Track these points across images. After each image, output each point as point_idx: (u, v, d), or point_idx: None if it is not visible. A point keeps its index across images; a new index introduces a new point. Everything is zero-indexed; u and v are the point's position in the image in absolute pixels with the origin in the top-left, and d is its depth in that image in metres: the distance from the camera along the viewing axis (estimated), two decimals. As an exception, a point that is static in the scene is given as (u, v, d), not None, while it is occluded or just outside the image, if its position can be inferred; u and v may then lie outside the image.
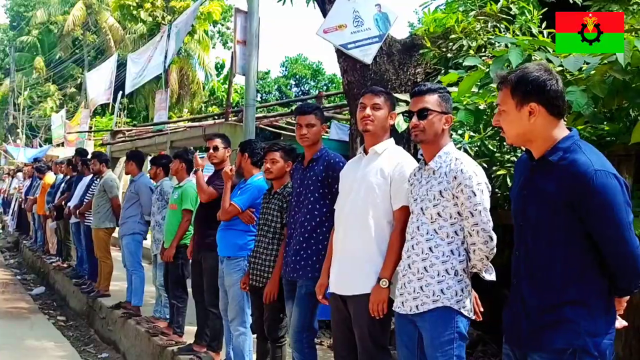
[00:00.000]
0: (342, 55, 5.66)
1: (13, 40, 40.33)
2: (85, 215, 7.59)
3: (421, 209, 2.53)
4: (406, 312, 2.53)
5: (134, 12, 26.00)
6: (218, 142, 4.68)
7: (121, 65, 17.01)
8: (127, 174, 6.74)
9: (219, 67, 35.88)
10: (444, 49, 5.23)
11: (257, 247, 3.82)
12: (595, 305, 1.92)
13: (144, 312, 6.20)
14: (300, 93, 38.98)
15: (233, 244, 4.16)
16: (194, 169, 4.77)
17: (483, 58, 4.26)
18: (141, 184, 6.37)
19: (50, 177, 10.93)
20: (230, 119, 9.66)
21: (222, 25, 41.10)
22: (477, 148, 4.52)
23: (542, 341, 1.98)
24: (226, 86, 33.57)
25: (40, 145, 26.77)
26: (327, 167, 3.36)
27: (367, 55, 5.64)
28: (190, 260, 5.02)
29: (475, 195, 2.42)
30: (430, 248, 2.48)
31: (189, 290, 5.16)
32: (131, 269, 6.29)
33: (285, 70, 45.70)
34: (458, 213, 2.47)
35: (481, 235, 2.42)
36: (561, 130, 1.98)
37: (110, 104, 16.17)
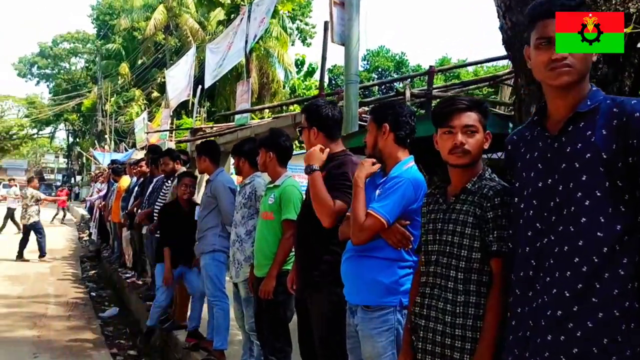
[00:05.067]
0: (502, -14, 3.79)
1: (100, 49, 41.24)
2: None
3: None
4: None
5: (212, -4, 25.10)
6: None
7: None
8: (200, 172, 5.15)
9: (299, 64, 34.76)
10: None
11: (428, 297, 2.02)
12: None
13: (230, 356, 4.62)
14: (383, 86, 37.11)
15: (374, 283, 2.39)
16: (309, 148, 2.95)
17: None
18: (219, 184, 4.75)
19: (125, 181, 9.78)
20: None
21: (301, 21, 40.07)
22: None
23: None
24: (307, 83, 32.46)
25: (126, 150, 26.61)
26: (620, 129, 1.50)
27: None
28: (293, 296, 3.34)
29: None
30: None
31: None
32: (212, 299, 4.70)
33: (367, 63, 43.85)
34: None
35: None
36: None
37: (190, 101, 15.09)
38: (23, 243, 12.19)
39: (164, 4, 32.81)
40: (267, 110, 29.28)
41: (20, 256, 12.00)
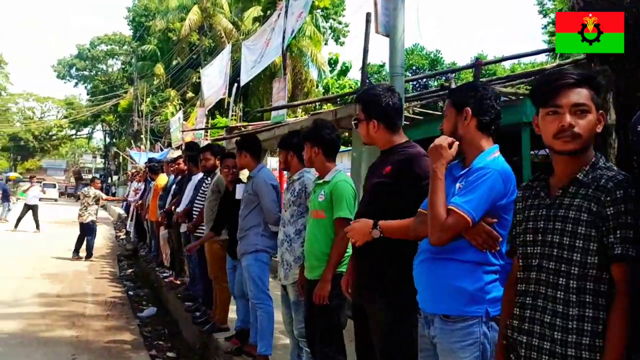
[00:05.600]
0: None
1: (135, 50, 41.79)
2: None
3: None
4: None
5: (247, -9, 25.11)
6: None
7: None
8: (241, 168, 4.92)
9: (333, 63, 34.50)
10: None
11: (530, 309, 1.71)
12: None
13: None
14: (417, 84, 36.56)
15: (455, 290, 2.09)
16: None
17: None
18: (260, 180, 4.52)
19: (162, 179, 9.68)
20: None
21: (334, 20, 39.84)
22: None
23: None
24: (340, 82, 32.15)
25: (162, 149, 26.80)
26: None
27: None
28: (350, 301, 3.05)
29: None
30: None
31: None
32: (255, 302, 4.45)
33: (401, 62, 43.23)
34: None
35: None
36: None
37: (226, 100, 14.98)
38: (80, 242, 12.13)
39: (198, 5, 33.00)
40: (299, 110, 29.28)
41: (76, 253, 11.95)
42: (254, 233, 4.53)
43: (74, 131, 60.26)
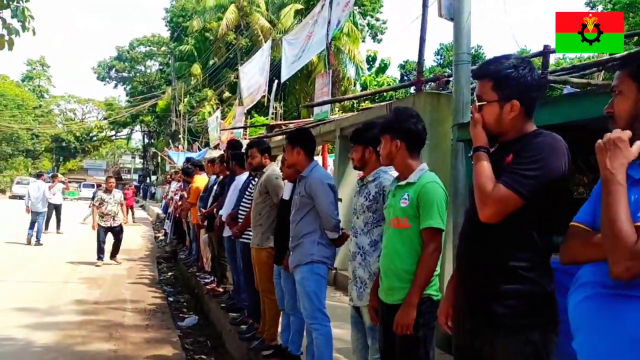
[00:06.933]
0: None
1: (173, 50, 41.93)
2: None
3: None
4: None
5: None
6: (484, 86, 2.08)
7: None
8: (289, 165, 4.23)
9: (371, 61, 33.80)
10: None
11: None
12: None
13: (335, 390, 3.79)
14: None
15: (643, 342, 1.43)
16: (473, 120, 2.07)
17: None
18: (315, 180, 3.90)
19: (200, 180, 9.23)
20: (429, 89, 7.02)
21: (372, 17, 39.12)
22: None
23: None
24: (379, 79, 31.45)
25: (199, 149, 26.61)
26: None
27: None
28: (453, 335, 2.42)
29: None
30: None
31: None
32: (311, 322, 3.86)
33: (441, 58, 42.20)
34: None
35: None
36: None
37: (266, 97, 14.53)
38: (116, 244, 11.75)
39: (235, 4, 32.77)
40: (337, 109, 28.61)
41: (112, 256, 11.54)
42: (310, 241, 3.93)
43: (113, 132, 61.16)
